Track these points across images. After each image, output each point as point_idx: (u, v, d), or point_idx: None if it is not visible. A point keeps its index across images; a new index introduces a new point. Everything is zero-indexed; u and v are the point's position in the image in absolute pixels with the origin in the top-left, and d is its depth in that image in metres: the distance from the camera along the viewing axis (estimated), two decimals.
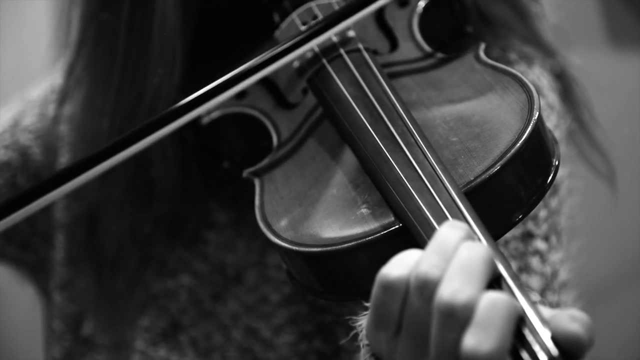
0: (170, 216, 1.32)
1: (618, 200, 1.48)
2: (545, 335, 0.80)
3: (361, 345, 0.92)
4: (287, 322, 1.29)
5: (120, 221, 1.31)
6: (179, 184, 1.28)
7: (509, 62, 1.31)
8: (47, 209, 1.38)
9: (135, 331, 1.35)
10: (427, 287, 0.83)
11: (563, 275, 1.27)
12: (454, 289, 0.81)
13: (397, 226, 0.94)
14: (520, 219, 0.96)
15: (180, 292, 1.33)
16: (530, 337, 0.80)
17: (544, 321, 0.81)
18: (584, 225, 1.35)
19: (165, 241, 1.34)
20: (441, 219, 0.89)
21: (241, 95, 1.19)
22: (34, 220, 1.39)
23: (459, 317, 0.80)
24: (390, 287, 0.85)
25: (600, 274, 2.16)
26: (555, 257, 1.26)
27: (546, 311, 0.82)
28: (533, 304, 0.82)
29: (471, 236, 0.85)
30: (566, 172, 1.33)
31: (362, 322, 0.92)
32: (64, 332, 1.41)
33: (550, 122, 1.29)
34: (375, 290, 0.86)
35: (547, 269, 1.25)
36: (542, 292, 1.24)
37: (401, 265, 0.85)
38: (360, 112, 1.04)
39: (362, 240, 0.94)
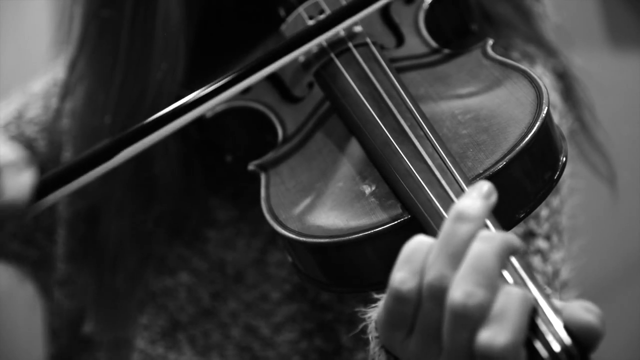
0: (171, 214, 1.32)
1: (619, 200, 1.48)
2: (558, 325, 0.80)
3: (370, 338, 0.92)
4: (287, 320, 1.29)
5: (121, 219, 1.31)
6: (180, 181, 1.28)
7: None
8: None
9: (134, 329, 1.34)
10: (439, 293, 0.83)
11: (564, 274, 1.27)
12: (466, 291, 0.81)
13: (405, 217, 0.94)
14: (527, 214, 0.96)
15: (179, 290, 1.33)
16: (543, 327, 0.80)
17: (557, 311, 0.81)
18: (585, 224, 1.35)
19: (165, 239, 1.34)
20: None
21: (246, 89, 1.19)
22: (37, 215, 1.39)
23: (472, 318, 0.80)
24: (403, 298, 0.85)
25: (601, 273, 2.17)
26: (556, 256, 1.26)
27: (557, 302, 0.82)
28: (545, 295, 0.82)
29: (478, 222, 0.85)
30: (568, 172, 1.33)
31: (372, 314, 0.92)
32: (63, 329, 1.40)
33: None
34: (387, 298, 0.86)
35: (549, 268, 1.25)
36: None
37: (411, 272, 0.85)
38: (369, 105, 1.04)
39: (370, 232, 0.94)
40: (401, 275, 0.85)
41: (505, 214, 0.94)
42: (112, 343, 1.37)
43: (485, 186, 0.87)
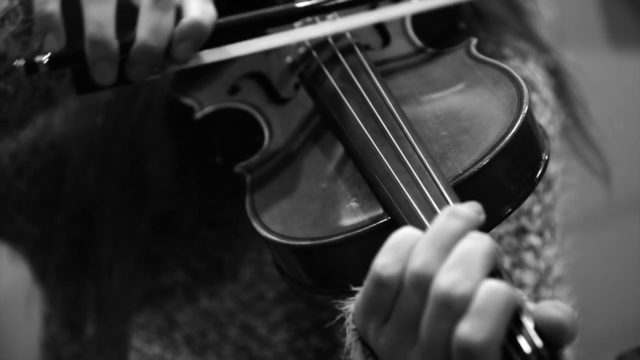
0: (166, 214, 1.32)
1: (613, 196, 1.48)
2: (530, 326, 0.80)
3: (347, 330, 0.92)
4: (283, 319, 1.29)
5: (116, 219, 1.31)
6: (174, 181, 1.29)
7: (503, 58, 1.31)
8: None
9: (131, 328, 1.35)
10: (423, 282, 0.82)
11: (557, 270, 1.27)
12: (452, 279, 0.80)
13: (385, 219, 0.94)
14: (509, 213, 0.96)
15: (176, 289, 1.33)
16: (515, 329, 0.80)
17: (529, 312, 0.81)
18: (578, 220, 1.35)
19: (161, 239, 1.34)
20: (429, 212, 0.90)
21: (234, 90, 1.20)
22: (42, 192, 1.38)
23: (455, 308, 0.80)
24: (383, 283, 0.85)
25: (595, 269, 2.16)
26: (549, 252, 1.26)
27: (529, 304, 0.82)
28: (519, 297, 0.82)
29: (470, 222, 0.85)
30: (560, 168, 1.34)
31: (349, 306, 0.92)
32: (54, 315, 1.41)
33: (544, 118, 1.30)
34: (367, 283, 0.86)
35: (541, 264, 1.25)
36: (536, 288, 1.24)
37: (395, 258, 0.85)
38: (351, 106, 1.05)
39: (350, 234, 0.95)
40: (383, 260, 0.85)
41: (489, 211, 0.94)
42: (108, 342, 1.37)
43: (477, 204, 0.88)
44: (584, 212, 1.38)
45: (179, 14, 1.03)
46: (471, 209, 0.86)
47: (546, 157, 0.99)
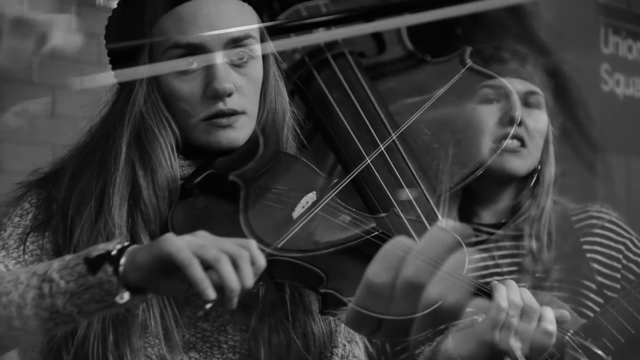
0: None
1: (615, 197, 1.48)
2: (516, 346, 0.80)
3: (340, 338, 0.92)
4: (282, 321, 1.29)
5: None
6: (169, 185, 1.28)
7: (501, 61, 1.31)
8: None
9: (131, 330, 1.34)
10: (414, 290, 0.83)
11: (555, 274, 1.27)
12: (442, 289, 0.81)
13: (376, 233, 0.94)
14: (504, 224, 0.97)
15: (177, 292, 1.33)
16: (502, 349, 0.81)
17: (517, 332, 0.81)
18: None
19: None
20: (418, 226, 0.90)
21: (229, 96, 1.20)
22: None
23: (444, 317, 0.81)
24: (375, 291, 0.85)
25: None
26: (547, 256, 1.26)
27: (518, 323, 0.83)
28: (509, 316, 0.82)
29: (464, 239, 0.85)
30: (559, 171, 1.33)
31: (341, 316, 0.93)
32: None
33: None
34: (360, 291, 0.87)
35: (539, 268, 1.25)
36: (534, 291, 1.24)
37: (387, 267, 0.85)
38: (344, 117, 1.05)
39: (342, 246, 0.95)
40: (376, 269, 0.85)
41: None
42: (111, 344, 1.37)
43: (468, 226, 0.88)
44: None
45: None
46: (463, 226, 0.86)
47: (539, 167, 1.00)
